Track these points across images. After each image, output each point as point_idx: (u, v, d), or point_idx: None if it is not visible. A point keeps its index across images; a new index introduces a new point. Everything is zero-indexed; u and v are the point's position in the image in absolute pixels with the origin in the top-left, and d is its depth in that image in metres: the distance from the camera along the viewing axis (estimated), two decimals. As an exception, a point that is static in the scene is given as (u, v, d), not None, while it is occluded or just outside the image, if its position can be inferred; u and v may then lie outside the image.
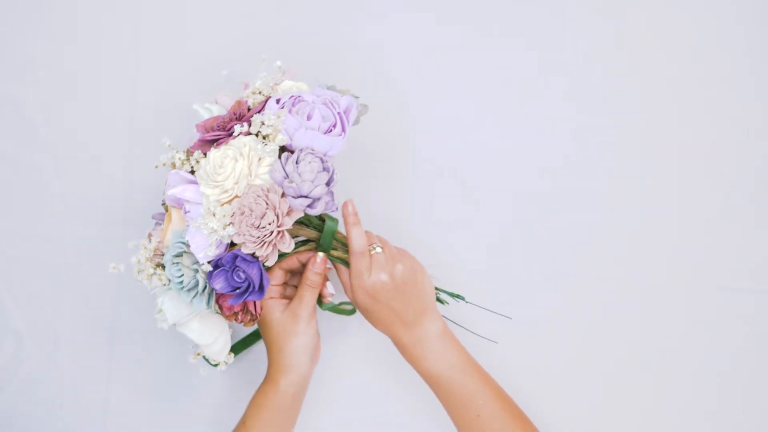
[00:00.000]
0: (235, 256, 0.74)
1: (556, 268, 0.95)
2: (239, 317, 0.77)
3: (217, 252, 0.74)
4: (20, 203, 0.97)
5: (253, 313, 0.78)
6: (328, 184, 0.75)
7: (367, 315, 0.82)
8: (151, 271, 0.77)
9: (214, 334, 0.79)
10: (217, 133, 0.77)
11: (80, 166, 0.98)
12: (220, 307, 0.77)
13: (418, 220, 0.96)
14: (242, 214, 0.73)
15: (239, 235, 0.73)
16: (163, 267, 0.78)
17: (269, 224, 0.73)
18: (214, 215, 0.73)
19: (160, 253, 0.79)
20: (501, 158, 0.97)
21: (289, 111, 0.77)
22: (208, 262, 0.74)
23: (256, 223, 0.73)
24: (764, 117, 0.97)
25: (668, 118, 0.98)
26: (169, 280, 0.77)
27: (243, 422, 0.82)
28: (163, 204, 0.83)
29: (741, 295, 0.94)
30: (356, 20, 0.99)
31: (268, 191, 0.73)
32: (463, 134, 0.97)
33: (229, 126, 0.77)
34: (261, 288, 0.74)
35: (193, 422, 0.94)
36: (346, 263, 0.81)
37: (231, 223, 0.73)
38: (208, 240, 0.74)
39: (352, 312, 0.89)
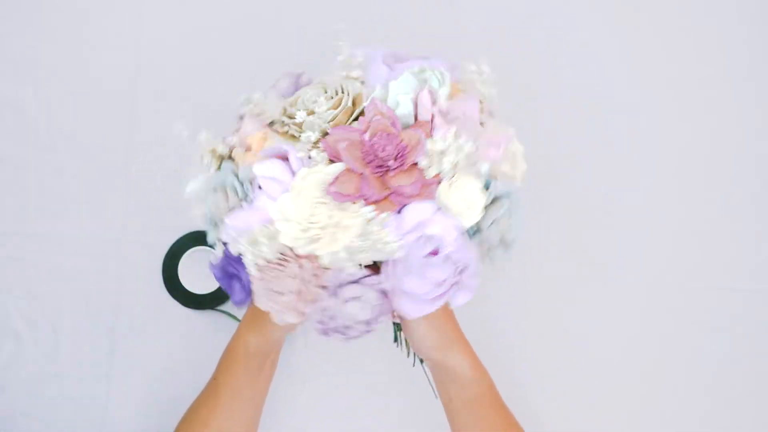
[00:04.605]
0: None
1: (555, 268, 0.95)
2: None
3: None
4: (20, 203, 0.97)
5: None
6: None
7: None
8: None
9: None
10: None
11: (80, 166, 0.98)
12: None
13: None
14: None
15: None
16: None
17: None
18: None
19: None
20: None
21: None
22: None
23: None
24: (764, 117, 0.97)
25: (668, 118, 0.98)
26: None
27: (215, 378, 0.79)
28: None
29: (740, 295, 0.94)
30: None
31: None
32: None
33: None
34: None
35: (193, 422, 0.94)
36: None
37: None
38: None
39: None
